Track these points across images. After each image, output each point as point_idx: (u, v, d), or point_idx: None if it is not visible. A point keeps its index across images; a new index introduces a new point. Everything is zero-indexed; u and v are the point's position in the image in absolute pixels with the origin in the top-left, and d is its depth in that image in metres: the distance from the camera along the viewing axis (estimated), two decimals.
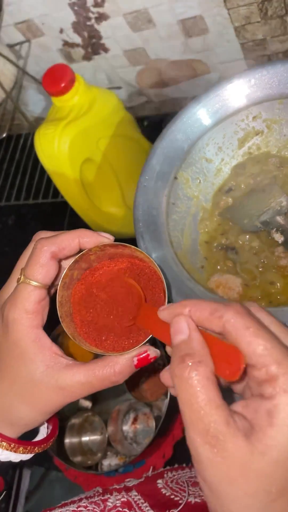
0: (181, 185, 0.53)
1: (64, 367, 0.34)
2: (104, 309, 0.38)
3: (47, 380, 0.34)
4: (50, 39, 0.79)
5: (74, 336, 0.36)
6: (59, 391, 0.34)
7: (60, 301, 0.37)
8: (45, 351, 0.35)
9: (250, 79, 0.48)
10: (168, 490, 0.53)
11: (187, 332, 0.28)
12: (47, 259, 0.35)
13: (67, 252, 0.36)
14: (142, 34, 0.75)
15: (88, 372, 0.34)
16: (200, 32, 0.72)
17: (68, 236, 0.36)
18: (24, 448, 0.36)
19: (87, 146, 0.70)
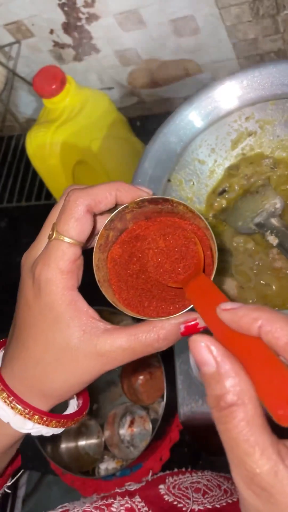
0: (175, 188, 0.53)
1: (103, 332, 0.31)
2: (145, 273, 0.35)
3: (84, 347, 0.31)
4: (40, 40, 0.78)
5: (114, 302, 0.33)
6: (98, 358, 0.31)
7: (96, 264, 0.33)
8: (81, 315, 0.32)
9: (242, 80, 0.48)
10: (170, 496, 0.52)
11: (213, 364, 0.23)
12: (82, 213, 0.31)
13: (103, 206, 0.33)
14: (133, 34, 0.74)
15: (130, 337, 0.31)
16: (191, 32, 0.72)
17: (105, 188, 0.32)
18: (57, 421, 0.33)
19: (79, 148, 0.70)
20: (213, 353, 0.23)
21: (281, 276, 0.49)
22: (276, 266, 0.49)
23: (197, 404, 0.56)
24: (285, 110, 0.51)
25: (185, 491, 0.53)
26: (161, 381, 0.70)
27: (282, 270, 0.49)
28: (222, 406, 0.22)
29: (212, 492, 0.51)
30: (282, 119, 0.52)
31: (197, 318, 0.31)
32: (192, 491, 0.51)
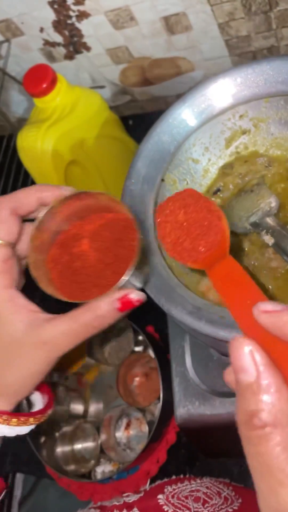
0: (168, 187, 0.52)
1: (44, 321, 0.33)
2: (86, 269, 0.37)
3: (29, 338, 0.33)
4: (30, 39, 0.77)
5: (53, 294, 0.35)
6: (43, 346, 0.33)
7: (32, 263, 0.35)
8: (22, 309, 0.33)
9: (235, 78, 0.47)
10: (170, 506, 0.52)
11: (254, 373, 0.21)
12: (8, 215, 0.34)
13: (27, 207, 0.35)
14: (124, 32, 0.73)
15: (70, 320, 0.32)
16: (183, 29, 0.71)
17: (26, 191, 0.35)
18: (18, 419, 0.34)
19: (71, 148, 0.69)
20: (255, 360, 0.21)
21: (277, 276, 0.48)
22: (273, 265, 0.48)
23: (194, 406, 0.55)
24: (279, 108, 0.50)
25: (185, 500, 0.53)
26: (157, 383, 0.69)
27: (278, 269, 0.48)
28: (255, 425, 0.20)
29: (212, 501, 0.50)
30: (276, 117, 0.51)
31: (130, 293, 0.33)
32: (192, 500, 0.51)
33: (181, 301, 0.40)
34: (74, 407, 0.75)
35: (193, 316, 0.39)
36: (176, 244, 0.35)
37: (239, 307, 0.24)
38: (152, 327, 0.76)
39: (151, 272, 0.43)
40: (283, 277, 0.47)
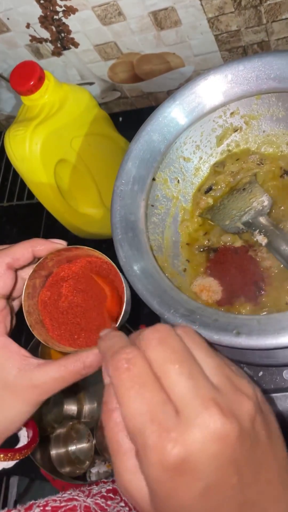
0: (160, 187, 0.52)
1: (36, 367, 0.36)
2: (73, 309, 0.40)
3: (21, 382, 0.36)
4: (17, 35, 0.76)
5: (46, 341, 0.38)
6: (34, 390, 0.36)
7: (27, 310, 0.38)
8: (15, 355, 0.36)
9: (226, 74, 0.46)
10: None
11: (107, 378, 0.29)
12: (3, 270, 0.37)
13: (22, 262, 0.38)
14: (112, 28, 0.72)
15: (60, 368, 0.36)
16: (172, 24, 0.70)
17: (21, 246, 0.38)
18: (5, 455, 0.37)
19: (60, 147, 0.67)
20: (107, 371, 0.28)
21: (271, 275, 0.48)
22: (266, 265, 0.48)
23: None
24: (271, 105, 0.50)
25: None
26: None
27: (271, 269, 0.48)
28: (105, 410, 0.28)
29: None
30: (267, 113, 0.51)
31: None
32: None
33: (173, 304, 0.40)
34: (68, 408, 0.75)
35: (187, 320, 0.38)
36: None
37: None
38: (145, 326, 0.75)
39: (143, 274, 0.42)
40: (277, 276, 0.47)
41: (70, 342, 0.39)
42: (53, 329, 0.40)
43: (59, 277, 0.41)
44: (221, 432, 0.24)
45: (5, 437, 0.38)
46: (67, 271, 0.41)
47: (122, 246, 0.43)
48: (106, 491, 0.45)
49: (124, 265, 0.43)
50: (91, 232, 0.76)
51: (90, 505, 0.41)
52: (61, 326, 0.40)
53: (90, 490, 0.45)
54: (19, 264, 0.38)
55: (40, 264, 0.38)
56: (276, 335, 0.36)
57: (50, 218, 0.73)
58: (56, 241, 0.39)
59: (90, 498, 0.43)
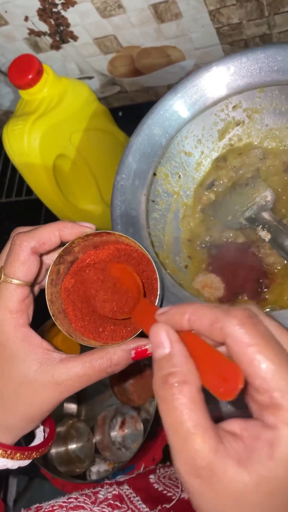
0: (161, 182, 0.51)
1: (58, 362, 0.33)
2: (99, 299, 0.37)
3: (42, 378, 0.33)
4: (15, 28, 0.75)
5: (69, 333, 0.35)
6: (56, 387, 0.33)
7: (50, 299, 0.35)
8: (36, 349, 0.34)
9: (229, 67, 0.45)
10: (160, 485, 0.52)
11: (168, 345, 0.26)
12: (28, 255, 0.34)
13: (48, 246, 0.35)
14: (112, 21, 0.71)
15: (85, 365, 0.33)
16: (173, 17, 0.69)
17: (48, 229, 0.34)
18: (22, 454, 0.35)
19: (59, 142, 0.66)
20: (170, 337, 0.26)
21: (275, 272, 0.47)
22: (269, 261, 0.47)
23: None
24: (274, 98, 0.49)
25: (176, 481, 0.53)
26: (151, 380, 0.68)
27: (274, 265, 0.47)
28: (169, 384, 0.24)
29: None
30: (270, 107, 0.50)
31: (147, 344, 0.34)
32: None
33: (176, 302, 0.39)
34: (68, 406, 0.74)
35: None
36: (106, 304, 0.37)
37: (150, 326, 0.28)
38: None
39: None
40: (281, 273, 0.46)
41: (95, 335, 0.36)
42: (76, 319, 0.36)
43: (84, 264, 0.37)
44: None
45: (22, 435, 0.36)
46: (94, 257, 0.37)
47: None
48: (112, 498, 0.44)
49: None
50: None
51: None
52: (85, 317, 0.36)
53: (95, 494, 0.44)
54: (44, 249, 0.35)
55: (66, 248, 0.35)
56: None
57: (49, 214, 0.72)
58: (85, 224, 0.36)
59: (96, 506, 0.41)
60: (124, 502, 0.44)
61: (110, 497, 0.46)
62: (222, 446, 0.23)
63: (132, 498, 0.47)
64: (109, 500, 0.43)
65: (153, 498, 0.48)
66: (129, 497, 0.47)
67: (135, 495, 0.48)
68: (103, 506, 0.41)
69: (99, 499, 0.44)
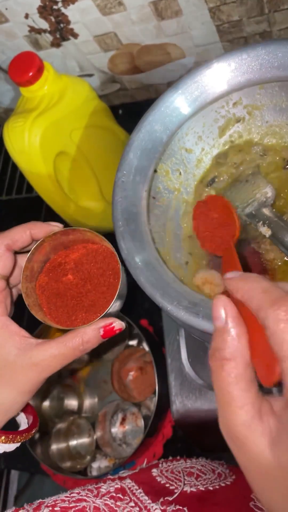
0: (161, 178, 0.51)
1: (35, 346, 0.36)
2: (70, 294, 0.41)
3: (21, 360, 0.36)
4: (15, 26, 0.75)
5: (44, 320, 0.39)
6: (34, 368, 0.36)
7: (25, 292, 0.39)
8: (14, 336, 0.37)
9: (230, 63, 0.45)
10: (163, 478, 0.52)
11: (223, 320, 0.27)
12: (2, 251, 0.38)
13: (20, 243, 0.39)
14: (112, 18, 0.71)
15: (59, 345, 0.36)
16: (173, 14, 0.69)
17: (20, 229, 0.39)
18: (6, 437, 0.37)
19: (59, 139, 0.66)
20: (226, 311, 0.27)
21: (275, 268, 0.47)
22: (269, 257, 0.47)
23: (190, 401, 0.54)
24: (274, 95, 0.49)
25: (178, 474, 0.53)
26: (152, 377, 0.69)
27: (274, 261, 0.47)
28: (217, 357, 0.26)
29: (206, 476, 0.52)
30: (271, 104, 0.50)
31: (113, 322, 0.38)
32: (184, 474, 0.51)
33: (176, 297, 0.39)
34: (68, 403, 0.74)
35: (190, 312, 0.38)
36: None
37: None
38: (146, 321, 0.75)
39: (145, 266, 0.42)
40: (281, 269, 0.46)
41: (68, 323, 0.40)
42: (50, 312, 0.40)
43: (56, 263, 0.42)
44: None
45: (8, 418, 0.38)
46: (64, 257, 0.42)
47: (124, 238, 0.43)
48: (115, 491, 0.45)
49: (126, 257, 0.42)
50: (91, 225, 0.75)
51: (99, 506, 0.40)
52: (58, 309, 0.40)
53: (98, 489, 0.44)
54: (17, 246, 0.39)
55: (37, 246, 0.39)
56: None
57: (49, 212, 0.73)
58: (53, 224, 0.40)
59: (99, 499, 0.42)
60: (127, 494, 0.45)
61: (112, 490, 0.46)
62: (257, 421, 0.24)
63: (135, 490, 0.47)
64: (111, 493, 0.44)
65: (155, 491, 0.48)
66: (132, 489, 0.47)
67: (137, 487, 0.48)
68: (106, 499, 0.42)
69: (101, 492, 0.44)
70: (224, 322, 0.26)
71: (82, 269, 0.41)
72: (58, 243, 0.41)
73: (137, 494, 0.45)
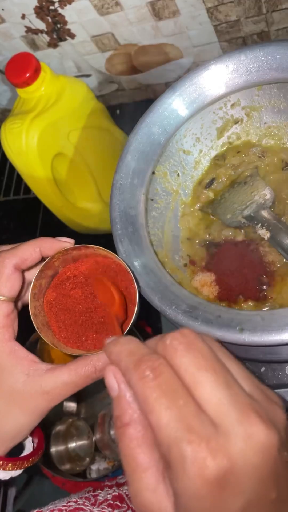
0: (159, 180, 0.51)
1: (45, 372, 0.35)
2: (79, 310, 0.39)
3: (30, 388, 0.34)
4: (12, 26, 0.74)
5: (54, 343, 0.37)
6: (44, 396, 0.34)
7: (33, 312, 0.37)
8: (23, 361, 0.35)
9: (228, 64, 0.45)
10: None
11: (116, 388, 0.27)
12: (11, 272, 0.36)
13: (30, 262, 0.37)
14: (109, 18, 0.70)
15: (71, 372, 0.34)
16: (170, 14, 0.69)
17: (29, 246, 0.36)
18: (13, 464, 0.36)
19: (57, 140, 0.66)
20: (117, 379, 0.27)
21: (274, 270, 0.47)
22: (268, 260, 0.47)
23: None
24: (272, 96, 0.49)
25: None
26: None
27: (273, 264, 0.47)
28: (118, 425, 0.25)
29: None
30: (269, 105, 0.50)
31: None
32: None
33: (175, 300, 0.39)
34: (67, 405, 0.74)
35: (189, 316, 0.37)
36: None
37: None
38: (145, 322, 0.75)
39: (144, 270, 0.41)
40: (280, 271, 0.46)
41: (78, 344, 0.38)
42: (60, 331, 0.38)
43: (64, 277, 0.39)
44: (265, 443, 0.23)
45: (14, 445, 0.36)
46: (73, 271, 0.39)
47: (122, 241, 0.42)
48: (112, 498, 0.44)
49: (125, 260, 0.42)
50: (89, 227, 0.75)
51: None
52: (68, 328, 0.38)
53: (95, 496, 0.44)
54: (26, 265, 0.36)
55: (47, 263, 0.37)
56: (280, 331, 0.35)
57: (47, 213, 0.72)
58: (64, 240, 0.38)
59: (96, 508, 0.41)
60: (124, 501, 0.44)
61: (110, 498, 0.46)
62: (162, 485, 0.24)
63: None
64: (109, 500, 0.43)
65: None
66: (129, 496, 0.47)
67: None
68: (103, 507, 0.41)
69: (98, 500, 0.44)
70: (118, 390, 0.26)
71: (91, 283, 0.39)
72: (68, 258, 0.39)
73: None
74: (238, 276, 0.49)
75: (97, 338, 0.38)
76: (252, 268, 0.48)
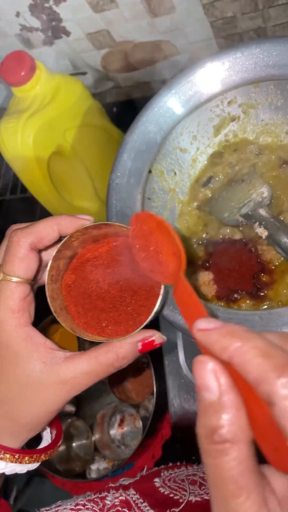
0: (156, 179, 0.50)
1: (63, 360, 0.32)
2: (100, 294, 0.36)
3: (46, 377, 0.32)
4: (6, 24, 0.74)
5: (73, 329, 0.34)
6: (62, 386, 0.32)
7: (50, 295, 0.34)
8: (40, 348, 0.32)
9: (223, 62, 0.44)
10: (166, 488, 0.51)
11: (216, 392, 0.21)
12: (27, 252, 0.33)
13: (47, 241, 0.33)
14: (105, 15, 0.70)
15: (91, 361, 0.32)
16: (166, 11, 0.68)
17: (46, 224, 0.33)
18: (30, 457, 0.33)
19: (53, 139, 0.66)
20: (219, 381, 0.22)
21: (271, 268, 0.47)
22: (266, 258, 0.46)
23: (188, 403, 0.54)
24: (269, 93, 0.48)
25: (181, 483, 0.52)
26: (150, 378, 0.68)
27: (271, 262, 0.47)
28: (215, 440, 0.21)
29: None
30: (266, 102, 0.49)
31: (153, 335, 0.32)
32: (188, 483, 0.50)
33: (173, 300, 0.38)
34: (66, 405, 0.74)
35: None
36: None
37: (191, 321, 0.25)
38: None
39: None
40: (278, 270, 0.46)
41: (98, 330, 0.35)
42: (79, 316, 0.35)
43: (84, 259, 0.36)
44: None
45: (29, 438, 0.34)
46: (94, 252, 0.36)
47: None
48: (120, 504, 0.43)
49: None
50: None
51: None
52: (87, 313, 0.35)
53: (103, 500, 0.43)
54: (43, 244, 0.33)
55: (65, 243, 0.34)
56: (278, 330, 0.35)
57: (44, 212, 0.72)
58: (83, 217, 0.35)
59: None
60: (132, 508, 0.43)
61: (117, 503, 0.45)
62: (266, 510, 0.21)
63: (140, 504, 0.46)
64: (117, 506, 0.42)
65: (160, 503, 0.47)
66: (137, 503, 0.46)
67: (142, 500, 0.47)
68: None
69: (106, 505, 0.43)
70: (219, 395, 0.21)
71: (114, 266, 0.36)
72: (87, 238, 0.36)
73: (142, 508, 0.44)
74: (236, 274, 0.49)
75: (119, 323, 0.35)
76: (250, 266, 0.47)
